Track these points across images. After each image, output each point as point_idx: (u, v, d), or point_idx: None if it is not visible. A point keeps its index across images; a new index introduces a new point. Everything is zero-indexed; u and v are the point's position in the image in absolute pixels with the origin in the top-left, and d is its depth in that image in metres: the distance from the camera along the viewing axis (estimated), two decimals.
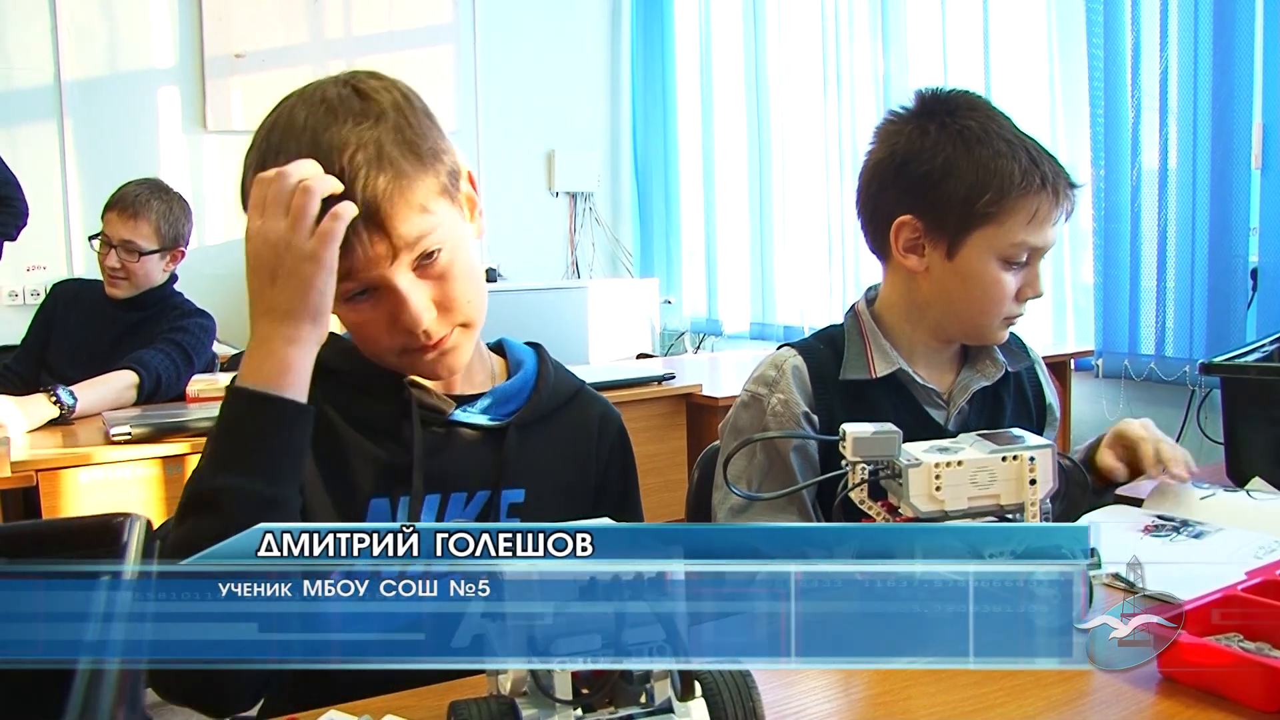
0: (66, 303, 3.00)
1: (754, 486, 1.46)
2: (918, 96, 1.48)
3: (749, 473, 1.47)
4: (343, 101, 1.07)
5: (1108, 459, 1.51)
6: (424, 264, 1.08)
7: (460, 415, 1.19)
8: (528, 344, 1.32)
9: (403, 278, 1.07)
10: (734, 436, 1.51)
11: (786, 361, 1.50)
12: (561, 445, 1.26)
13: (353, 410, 1.16)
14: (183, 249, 2.92)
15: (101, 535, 0.70)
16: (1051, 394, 1.62)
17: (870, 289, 1.58)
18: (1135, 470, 1.51)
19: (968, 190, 1.39)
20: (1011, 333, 1.56)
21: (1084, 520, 1.40)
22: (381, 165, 1.05)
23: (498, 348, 1.31)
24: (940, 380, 1.51)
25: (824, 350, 1.52)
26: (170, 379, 2.75)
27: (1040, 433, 1.51)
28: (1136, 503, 1.52)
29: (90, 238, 2.93)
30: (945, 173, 1.40)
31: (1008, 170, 1.38)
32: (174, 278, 3.01)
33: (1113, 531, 1.43)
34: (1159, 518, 1.44)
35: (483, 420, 1.20)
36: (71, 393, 2.54)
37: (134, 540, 0.70)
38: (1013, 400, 1.55)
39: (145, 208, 2.86)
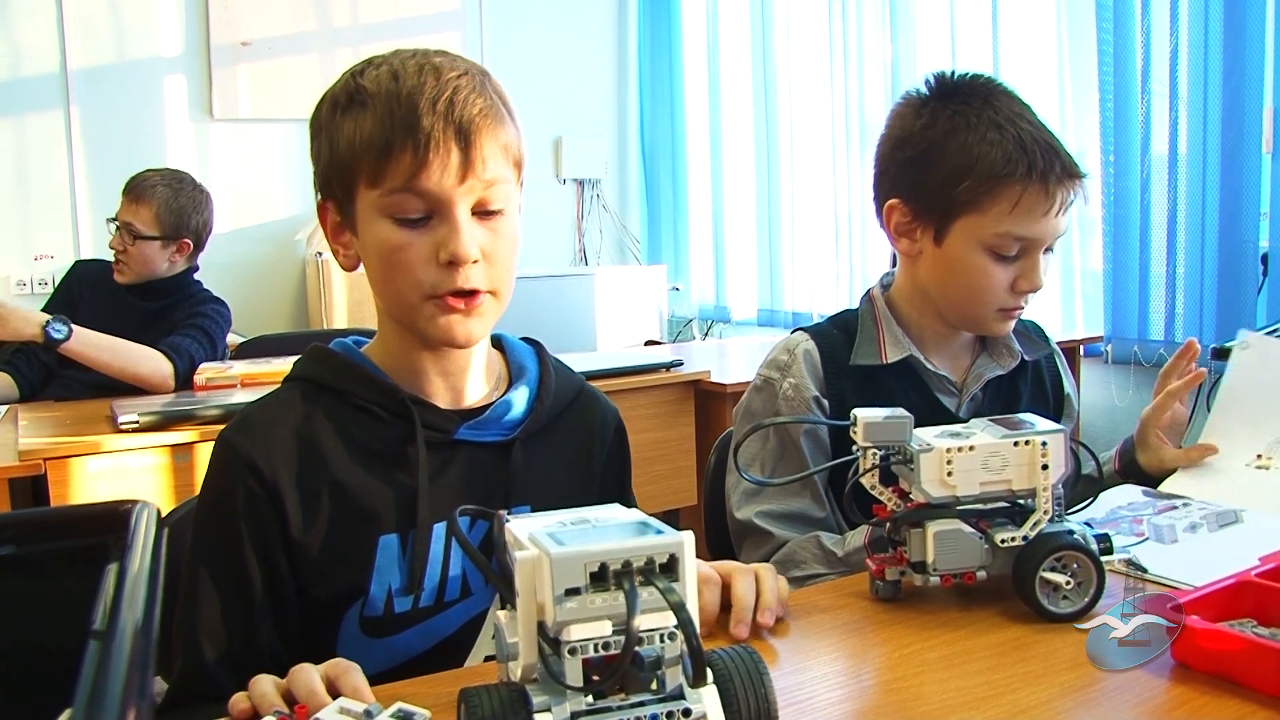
0: (87, 285, 3.00)
1: (766, 470, 1.46)
2: (936, 79, 1.46)
3: (761, 456, 1.47)
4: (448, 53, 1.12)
5: (1155, 452, 1.51)
6: (483, 215, 1.09)
7: (465, 435, 1.16)
8: (525, 340, 1.30)
9: (463, 206, 1.07)
10: (747, 420, 1.51)
11: (799, 346, 1.50)
12: (565, 453, 1.25)
13: (353, 433, 1.13)
14: (188, 240, 2.92)
15: (110, 522, 0.70)
16: (1070, 384, 1.61)
17: (886, 274, 1.57)
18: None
19: (946, 175, 1.37)
20: (1032, 321, 1.55)
21: (1099, 502, 1.39)
22: (484, 93, 1.09)
23: (495, 343, 1.28)
24: (954, 367, 1.51)
25: (837, 335, 1.51)
26: (201, 362, 2.78)
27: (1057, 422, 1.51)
28: (1150, 485, 1.51)
29: (108, 220, 2.94)
30: (929, 157, 1.39)
31: (988, 156, 1.35)
32: (194, 268, 3.02)
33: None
34: (1172, 496, 1.43)
35: (488, 439, 1.18)
36: (67, 324, 2.63)
37: (143, 527, 0.69)
38: (1029, 389, 1.54)
39: (149, 193, 2.88)
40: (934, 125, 1.40)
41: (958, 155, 1.37)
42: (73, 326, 2.66)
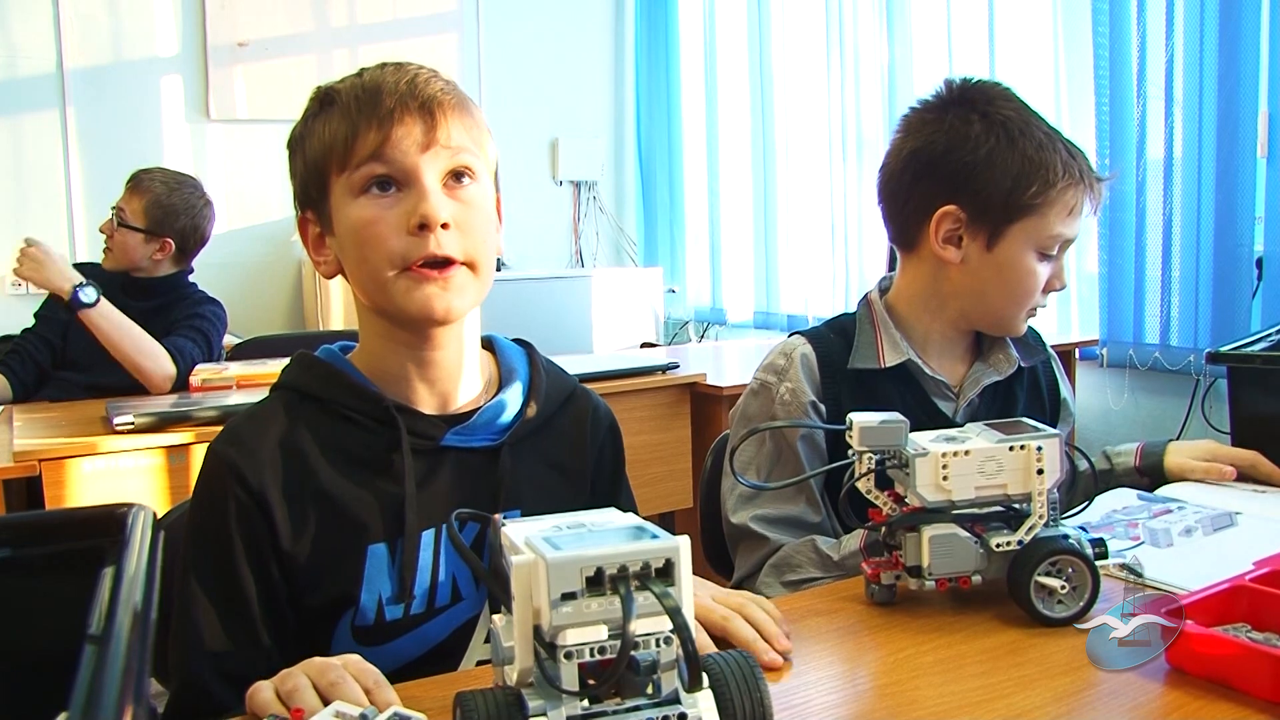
0: None
1: (762, 475, 1.46)
2: (948, 86, 1.46)
3: (757, 461, 1.47)
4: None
5: (1196, 465, 1.54)
6: (452, 182, 1.11)
7: (453, 441, 1.16)
8: (516, 341, 1.29)
9: (430, 172, 1.09)
10: (743, 424, 1.51)
11: (795, 350, 1.50)
12: (555, 455, 1.24)
13: (338, 442, 1.13)
14: (171, 240, 2.92)
15: (106, 525, 0.70)
16: (1066, 388, 1.61)
17: (884, 278, 1.57)
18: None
19: (1013, 182, 1.39)
20: (1029, 327, 1.56)
21: (1094, 505, 1.39)
22: (445, 82, 1.12)
23: (487, 344, 1.27)
24: (951, 372, 1.51)
25: (834, 339, 1.51)
26: (196, 364, 2.79)
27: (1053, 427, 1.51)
28: (1149, 488, 1.52)
29: (111, 207, 2.97)
30: (990, 163, 1.40)
31: (1051, 162, 1.39)
32: (189, 270, 3.03)
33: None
34: (1167, 499, 1.44)
35: (475, 445, 1.17)
36: (99, 292, 2.70)
37: (139, 530, 0.69)
38: (1025, 394, 1.55)
39: (145, 186, 2.92)
40: (987, 132, 1.41)
41: (1022, 161, 1.39)
42: (101, 297, 2.72)
